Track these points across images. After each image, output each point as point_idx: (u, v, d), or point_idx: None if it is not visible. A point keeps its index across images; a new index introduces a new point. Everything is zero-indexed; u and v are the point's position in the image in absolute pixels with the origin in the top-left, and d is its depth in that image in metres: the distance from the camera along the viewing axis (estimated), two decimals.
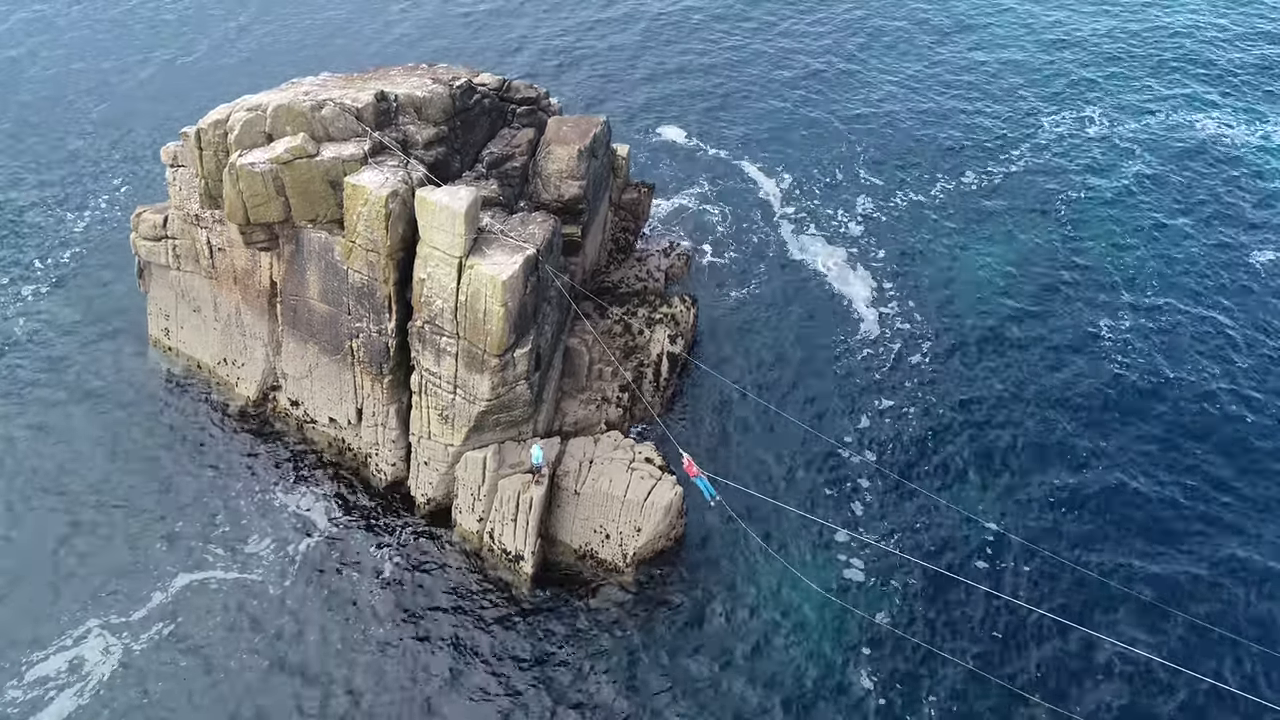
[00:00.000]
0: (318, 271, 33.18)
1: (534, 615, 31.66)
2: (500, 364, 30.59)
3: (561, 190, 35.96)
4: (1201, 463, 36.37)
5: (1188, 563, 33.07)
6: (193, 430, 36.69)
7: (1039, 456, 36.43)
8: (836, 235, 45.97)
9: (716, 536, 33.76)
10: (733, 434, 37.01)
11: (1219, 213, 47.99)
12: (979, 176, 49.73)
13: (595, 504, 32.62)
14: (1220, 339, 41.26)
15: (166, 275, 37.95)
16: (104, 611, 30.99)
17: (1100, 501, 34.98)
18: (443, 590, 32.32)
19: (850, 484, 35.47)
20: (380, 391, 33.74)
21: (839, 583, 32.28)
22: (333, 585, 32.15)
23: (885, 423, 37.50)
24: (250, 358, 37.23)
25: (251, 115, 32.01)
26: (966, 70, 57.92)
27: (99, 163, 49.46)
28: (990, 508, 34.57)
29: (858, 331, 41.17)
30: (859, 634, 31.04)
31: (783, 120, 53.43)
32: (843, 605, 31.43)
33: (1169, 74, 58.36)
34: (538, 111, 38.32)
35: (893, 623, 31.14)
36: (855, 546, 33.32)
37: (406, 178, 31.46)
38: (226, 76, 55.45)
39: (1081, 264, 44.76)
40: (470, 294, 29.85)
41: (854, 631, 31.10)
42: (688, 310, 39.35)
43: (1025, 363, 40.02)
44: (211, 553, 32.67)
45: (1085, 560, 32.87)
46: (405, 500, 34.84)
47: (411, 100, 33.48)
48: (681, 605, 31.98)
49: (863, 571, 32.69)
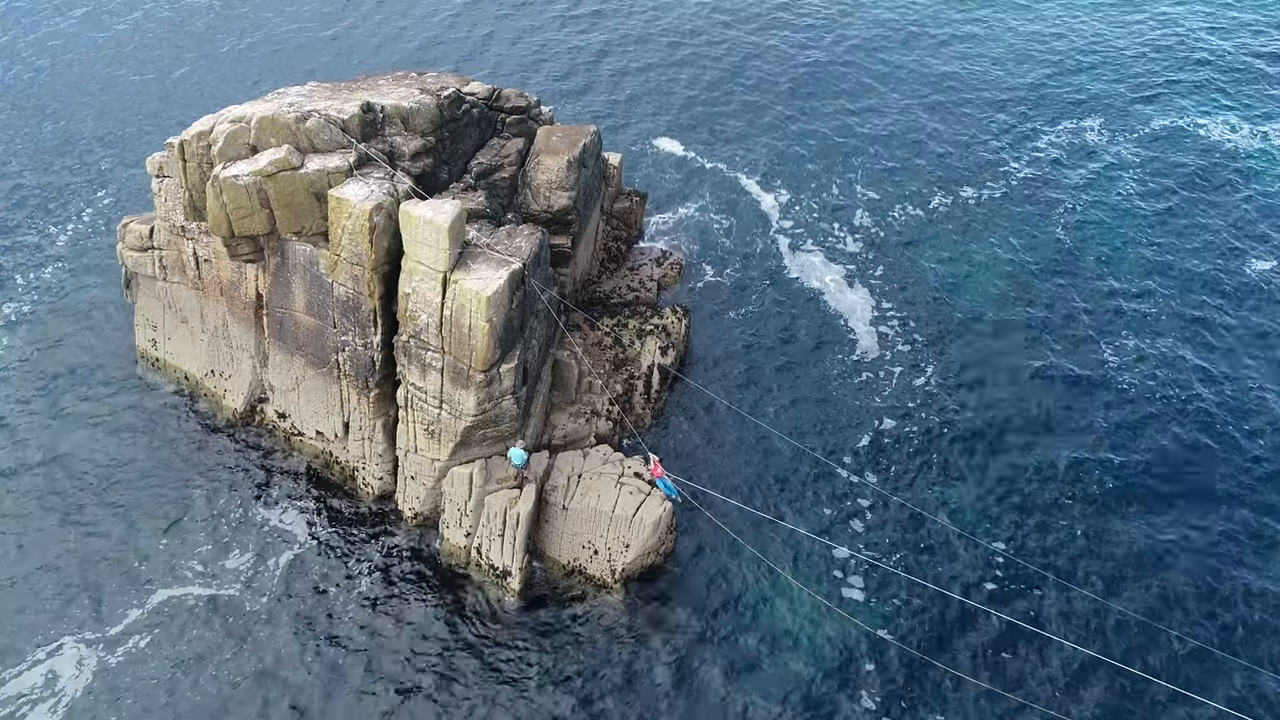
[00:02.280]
0: (303, 284, 32.80)
1: (521, 632, 31.24)
2: (486, 379, 30.19)
3: (551, 201, 35.60)
4: (1217, 484, 35.42)
5: (1192, 586, 32.36)
6: (178, 443, 36.34)
7: (1043, 479, 35.56)
8: (834, 251, 45.16)
9: (709, 552, 33.31)
10: (725, 448, 36.50)
11: (1224, 223, 47.35)
12: (977, 190, 48.85)
13: (584, 519, 32.22)
14: (1229, 357, 40.31)
15: (153, 286, 37.62)
16: (78, 627, 30.66)
17: (1107, 524, 34.06)
18: (429, 606, 31.92)
19: (848, 502, 34.77)
20: (367, 405, 33.37)
21: (838, 599, 31.79)
22: (315, 601, 31.77)
23: (885, 443, 36.71)
24: (237, 370, 36.87)
25: (235, 127, 31.63)
26: (964, 83, 57.10)
27: (83, 172, 49.10)
28: (994, 528, 33.84)
29: (855, 351, 40.28)
30: (859, 651, 30.58)
31: (780, 133, 52.58)
32: (843, 620, 30.93)
33: (1168, 82, 57.64)
34: (528, 120, 37.92)
35: (896, 638, 30.67)
36: (854, 564, 32.78)
37: (392, 190, 31.07)
38: (214, 84, 55.28)
39: (1083, 279, 43.81)
40: (455, 309, 29.46)
41: (854, 649, 30.64)
42: (679, 321, 38.92)
43: (1027, 383, 39.08)
44: (191, 568, 32.31)
45: (1095, 586, 32.11)
46: (393, 514, 34.47)
47: (398, 111, 33.09)
48: (672, 623, 31.53)
49: (862, 590, 32.09)
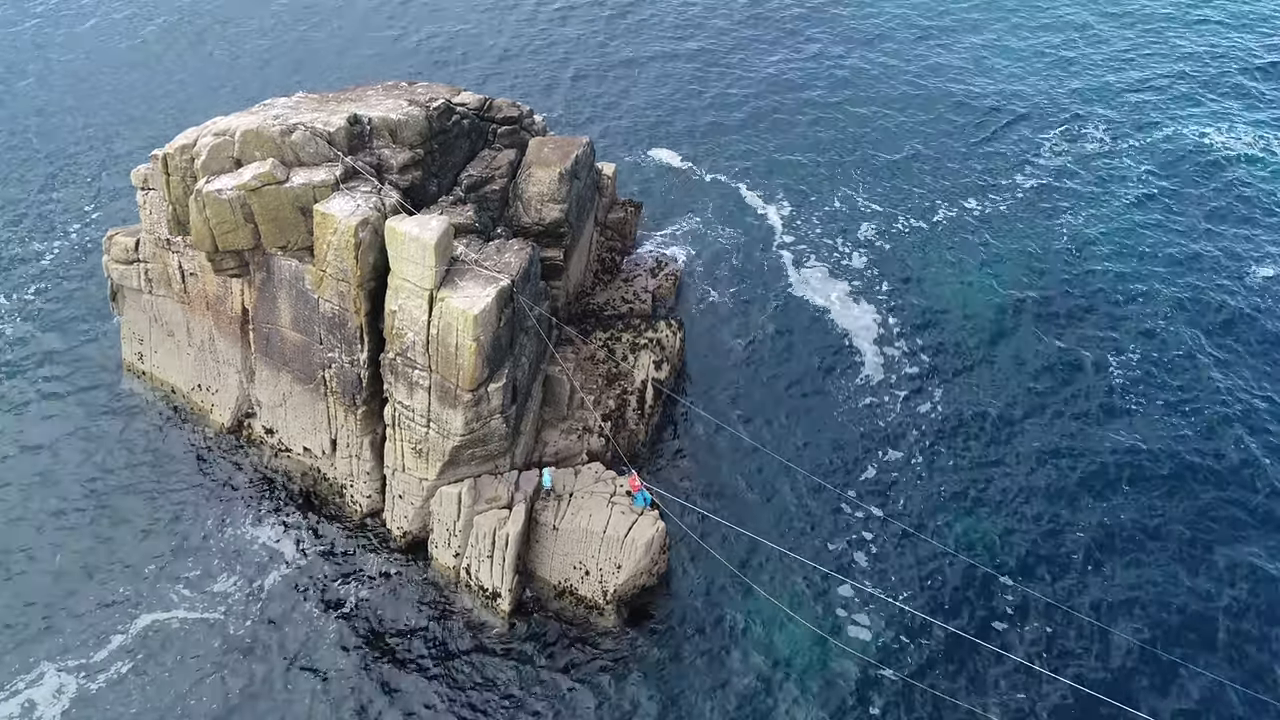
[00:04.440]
0: (289, 299, 32.19)
1: (511, 654, 30.64)
2: (473, 399, 29.58)
3: (542, 214, 34.96)
4: (1228, 511, 34.63)
5: (1213, 622, 31.54)
6: (165, 460, 35.75)
7: (1052, 507, 34.65)
8: (838, 266, 44.22)
9: (702, 574, 32.68)
10: (720, 471, 35.73)
11: (1228, 231, 46.64)
12: (980, 203, 48.04)
13: (574, 540, 31.61)
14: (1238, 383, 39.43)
15: (139, 299, 37.03)
16: (60, 652, 30.10)
17: (1123, 556, 33.15)
18: (417, 629, 31.31)
19: (849, 531, 33.99)
20: (354, 423, 32.78)
21: (833, 626, 31.08)
22: (301, 623, 31.16)
23: (887, 469, 35.94)
24: (224, 384, 36.28)
25: (219, 140, 31.01)
26: (964, 93, 56.37)
27: (70, 183, 48.51)
28: (1002, 559, 32.98)
29: (859, 372, 39.43)
30: (853, 677, 29.96)
31: (782, 144, 51.99)
32: (838, 648, 30.32)
33: (1167, 90, 56.97)
34: (520, 131, 37.25)
35: (891, 667, 30.03)
36: (854, 596, 32.05)
37: (379, 204, 30.45)
38: (204, 93, 54.69)
39: (1089, 294, 43.06)
40: (441, 327, 28.84)
41: (848, 674, 30.01)
42: (674, 335, 38.24)
43: (1034, 406, 38.19)
44: (177, 591, 31.73)
45: (1110, 619, 31.28)
46: (382, 532, 33.85)
47: (386, 123, 32.43)
48: (664, 645, 30.94)
49: (864, 626, 31.32)
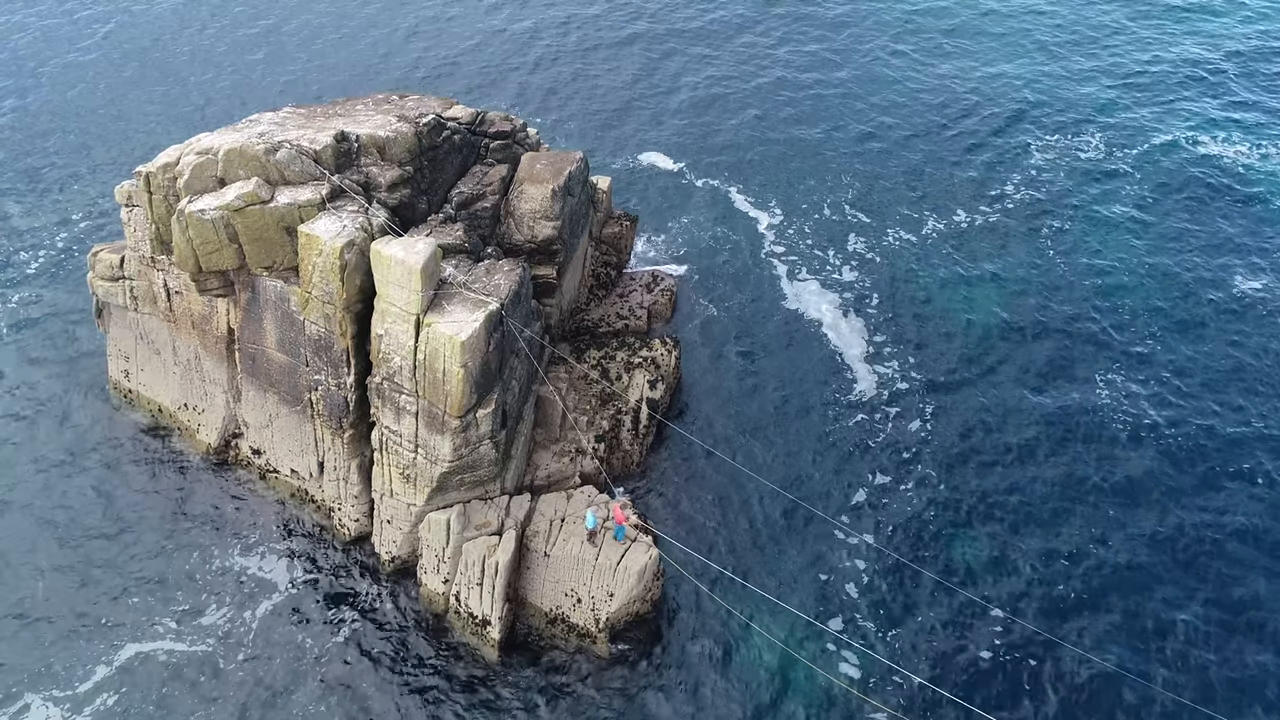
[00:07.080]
0: (274, 320, 31.52)
1: (501, 684, 29.95)
2: (461, 425, 28.87)
3: (535, 231, 34.26)
4: (1227, 535, 33.79)
5: (1212, 656, 30.66)
6: (151, 481, 35.08)
7: (1046, 533, 33.81)
8: (829, 280, 43.44)
9: (697, 603, 31.89)
10: (713, 496, 34.87)
11: (1223, 243, 45.78)
12: (970, 214, 47.06)
13: (566, 567, 30.92)
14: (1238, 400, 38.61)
15: (125, 316, 36.37)
16: (45, 684, 29.42)
17: (1117, 586, 32.29)
18: (405, 658, 30.64)
19: (842, 561, 32.97)
20: (341, 446, 32.10)
21: (827, 660, 30.30)
22: (289, 652, 30.50)
23: (880, 495, 34.99)
24: (211, 404, 35.61)
25: (202, 159, 30.32)
26: (955, 101, 55.30)
27: (55, 198, 47.85)
28: (995, 591, 32.14)
29: (851, 391, 38.58)
30: (846, 711, 29.22)
31: (774, 152, 51.04)
32: (830, 681, 29.58)
33: (1162, 99, 55.75)
34: (513, 145, 36.54)
35: (883, 702, 29.28)
36: (847, 628, 31.23)
37: (366, 224, 29.76)
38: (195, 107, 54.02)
39: (1082, 307, 42.17)
40: (429, 353, 28.13)
41: (841, 707, 29.27)
42: (669, 354, 37.49)
43: (1026, 425, 37.29)
44: (163, 623, 31.04)
45: (1103, 652, 30.49)
46: (371, 557, 33.17)
47: (374, 140, 31.74)
48: (658, 676, 30.23)
49: (851, 652, 30.54)
